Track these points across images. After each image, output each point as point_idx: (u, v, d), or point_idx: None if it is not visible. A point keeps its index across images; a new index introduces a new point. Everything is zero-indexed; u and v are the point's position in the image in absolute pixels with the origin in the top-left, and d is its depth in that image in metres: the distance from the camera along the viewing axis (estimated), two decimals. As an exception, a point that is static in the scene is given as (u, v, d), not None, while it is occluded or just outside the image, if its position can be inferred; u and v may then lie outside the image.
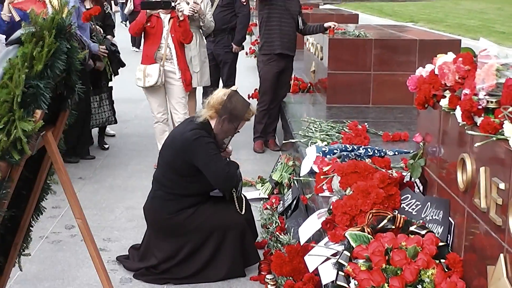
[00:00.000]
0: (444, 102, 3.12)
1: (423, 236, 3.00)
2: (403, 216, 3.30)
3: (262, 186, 6.03)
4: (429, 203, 3.30)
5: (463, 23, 20.13)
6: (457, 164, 2.89)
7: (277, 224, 5.04)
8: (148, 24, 6.50)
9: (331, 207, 3.62)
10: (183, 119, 6.61)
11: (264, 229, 5.07)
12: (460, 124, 2.81)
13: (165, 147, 4.30)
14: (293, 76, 8.08)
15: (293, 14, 7.27)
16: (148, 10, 6.47)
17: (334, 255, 3.28)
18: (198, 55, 7.58)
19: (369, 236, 3.05)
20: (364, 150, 4.72)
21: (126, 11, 15.57)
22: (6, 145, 2.10)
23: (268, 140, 7.62)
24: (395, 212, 3.33)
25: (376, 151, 4.74)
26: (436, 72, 3.23)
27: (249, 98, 8.36)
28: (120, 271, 4.42)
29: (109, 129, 8.19)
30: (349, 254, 3.00)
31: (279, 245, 4.63)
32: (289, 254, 4.12)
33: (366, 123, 5.87)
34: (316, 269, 3.37)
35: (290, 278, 4.05)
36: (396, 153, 4.87)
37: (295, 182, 5.51)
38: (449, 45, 7.12)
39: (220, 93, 4.22)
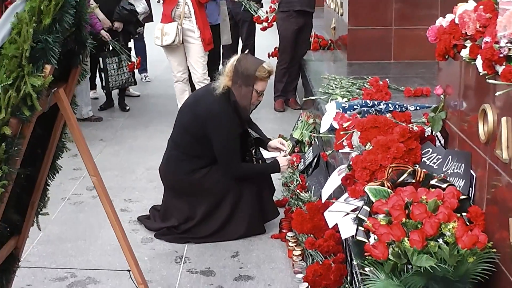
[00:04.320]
0: (465, 52, 3.03)
1: (444, 189, 2.94)
2: (423, 170, 3.25)
3: (282, 144, 5.98)
4: (450, 156, 3.23)
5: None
6: (478, 116, 2.81)
7: (298, 182, 5.01)
8: (166, -17, 6.43)
9: (350, 162, 3.56)
10: (202, 78, 6.59)
11: (285, 187, 5.05)
12: (481, 74, 2.73)
13: (186, 109, 4.25)
14: (313, 33, 7.96)
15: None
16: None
17: (353, 210, 3.24)
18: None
19: (389, 190, 3.00)
20: (385, 105, 4.64)
21: None
22: (16, 101, 2.07)
23: (289, 98, 7.56)
24: (416, 166, 3.27)
25: (397, 106, 4.66)
26: (457, 21, 3.13)
27: (268, 57, 8.28)
28: (141, 231, 4.43)
29: (133, 90, 8.18)
30: (368, 209, 2.95)
31: (300, 203, 4.60)
32: (310, 212, 4.10)
33: (387, 79, 5.76)
34: (336, 225, 3.34)
35: (311, 235, 4.03)
36: (418, 107, 4.78)
37: (316, 139, 5.46)
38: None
39: (231, 60, 4.14)
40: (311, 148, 5.51)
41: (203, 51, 6.58)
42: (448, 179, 3.10)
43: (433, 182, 3.01)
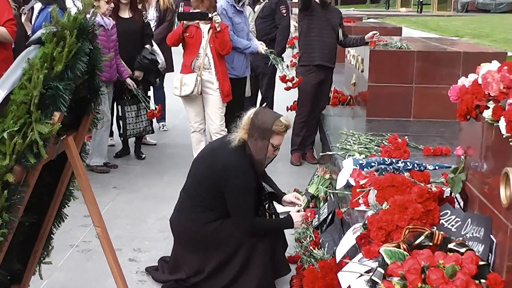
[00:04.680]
0: (487, 113, 2.95)
1: (462, 254, 2.83)
2: (441, 232, 3.14)
3: (298, 199, 5.88)
4: (469, 219, 3.13)
5: (509, 37, 19.74)
6: (500, 179, 2.71)
7: (311, 238, 4.89)
8: (187, 34, 6.46)
9: (366, 221, 3.46)
10: (219, 130, 6.56)
11: (298, 243, 4.93)
12: (504, 136, 2.64)
13: (201, 161, 4.18)
14: (332, 88, 7.94)
15: (333, 25, 7.16)
16: (185, 21, 6.43)
17: (368, 271, 3.12)
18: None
19: (405, 253, 2.89)
20: (403, 163, 4.55)
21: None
22: (22, 148, 2.01)
23: (306, 152, 7.49)
24: (433, 228, 3.16)
25: (415, 165, 4.57)
26: (480, 81, 3.06)
27: (287, 110, 8.25)
28: (148, 282, 4.33)
29: (149, 139, 8.16)
30: (383, 271, 2.84)
31: (313, 260, 4.48)
32: (322, 270, 3.98)
33: (406, 137, 5.68)
34: (349, 286, 3.22)
35: (323, 294, 3.90)
36: (437, 167, 4.69)
37: (331, 195, 5.36)
38: (494, 58, 6.87)
39: (248, 113, 4.09)
40: (326, 204, 5.41)
41: (221, 103, 6.57)
42: (467, 243, 2.99)
43: (451, 245, 2.91)
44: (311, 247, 4.66)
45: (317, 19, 7.10)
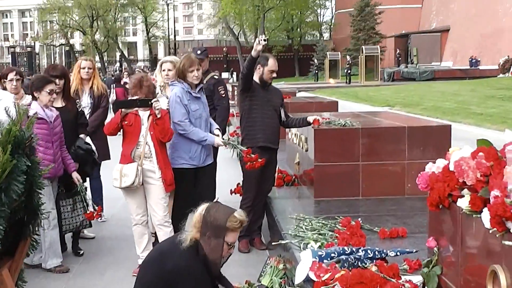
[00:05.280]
0: (463, 203, 2.75)
1: None
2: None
3: (251, 292, 5.54)
4: (451, 319, 2.89)
5: (439, 105, 20.20)
6: (487, 277, 2.49)
7: (272, 338, 4.55)
8: (126, 122, 6.17)
9: (337, 326, 3.17)
10: (163, 221, 6.22)
11: None
12: (490, 231, 2.43)
13: (148, 265, 3.79)
14: (277, 168, 7.73)
15: (275, 106, 7.00)
16: (123, 109, 6.15)
17: None
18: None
19: None
20: (364, 252, 4.31)
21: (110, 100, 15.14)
22: None
23: (254, 238, 7.17)
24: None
25: (376, 253, 4.33)
26: (452, 168, 2.87)
27: (231, 194, 7.97)
28: None
29: (87, 232, 7.70)
30: None
31: None
32: None
33: (359, 219, 5.48)
34: None
35: None
36: (398, 253, 4.46)
37: (287, 287, 5.05)
38: (439, 131, 6.89)
39: (199, 209, 3.78)
40: (283, 297, 5.09)
41: (164, 192, 6.25)
42: None
43: None
44: None
45: (258, 100, 6.93)
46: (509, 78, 32.58)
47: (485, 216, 2.46)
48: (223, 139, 6.75)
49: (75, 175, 6.76)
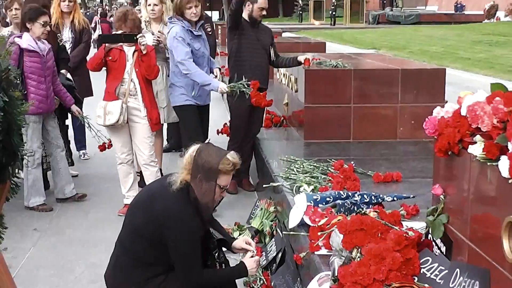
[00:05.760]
0: (476, 150, 2.59)
1: (459, 315, 2.46)
2: (426, 285, 2.77)
3: (240, 234, 5.42)
4: (458, 270, 2.76)
5: (426, 49, 19.95)
6: (503, 229, 2.35)
7: (262, 282, 4.44)
8: (110, 58, 5.91)
9: (336, 273, 3.04)
10: (149, 161, 6.05)
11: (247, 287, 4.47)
12: (510, 181, 2.28)
13: (137, 208, 3.61)
14: (265, 109, 7.53)
15: (264, 45, 6.76)
16: (107, 44, 5.89)
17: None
18: (164, 89, 6.99)
19: (394, 317, 2.49)
20: (360, 196, 4.17)
21: (94, 36, 14.72)
22: None
23: (242, 179, 7.04)
24: (425, 285, 2.76)
25: (373, 198, 4.20)
26: (464, 113, 2.70)
27: (218, 134, 7.80)
28: None
29: (70, 170, 7.50)
30: None
31: (267, 310, 4.04)
32: (283, 326, 3.53)
33: (352, 162, 5.33)
34: None
35: None
36: (395, 198, 4.33)
37: (279, 230, 4.93)
38: (433, 74, 6.72)
39: (189, 151, 3.57)
40: (273, 240, 4.97)
41: (149, 132, 6.05)
42: (458, 298, 2.62)
43: (445, 305, 2.52)
44: (263, 294, 4.21)
45: (247, 39, 6.68)
46: (495, 24, 32.29)
47: (503, 164, 2.31)
48: (228, 86, 6.35)
49: (75, 108, 6.56)
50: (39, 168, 6.41)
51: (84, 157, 8.35)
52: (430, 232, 3.05)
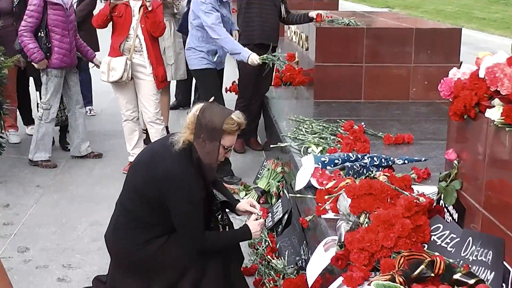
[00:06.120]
0: (494, 115, 2.44)
1: (471, 287, 2.34)
2: (436, 253, 2.65)
3: (246, 195, 5.33)
4: (470, 238, 2.63)
5: (440, 8, 19.63)
6: (521, 197, 2.22)
7: (267, 243, 4.35)
8: (115, 14, 5.75)
9: (342, 239, 2.93)
10: (154, 118, 5.93)
11: (252, 249, 4.38)
12: (530, 147, 2.14)
13: (138, 168, 3.48)
14: (275, 67, 7.36)
15: (275, 0, 6.56)
16: (112, 0, 5.72)
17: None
18: (172, 46, 6.83)
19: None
20: (370, 159, 4.03)
21: None
22: None
23: (249, 138, 6.92)
24: (436, 254, 2.64)
25: (383, 160, 4.06)
26: (482, 75, 2.54)
27: (226, 92, 7.63)
28: (82, 310, 3.69)
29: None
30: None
31: (272, 272, 3.94)
32: (287, 290, 3.44)
33: (362, 123, 5.19)
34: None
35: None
36: (406, 161, 4.20)
37: (285, 191, 4.83)
38: (448, 34, 6.51)
39: (193, 110, 3.42)
40: (279, 201, 4.87)
41: (155, 89, 5.90)
42: (471, 269, 2.50)
43: (456, 276, 2.40)
44: (268, 256, 4.11)
45: (257, -6, 6.48)
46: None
47: (525, 130, 2.17)
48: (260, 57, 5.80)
49: (97, 61, 6.43)
50: (52, 123, 6.37)
51: (90, 113, 8.25)
52: (442, 198, 2.92)
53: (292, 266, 3.93)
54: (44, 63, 6.02)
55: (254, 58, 5.69)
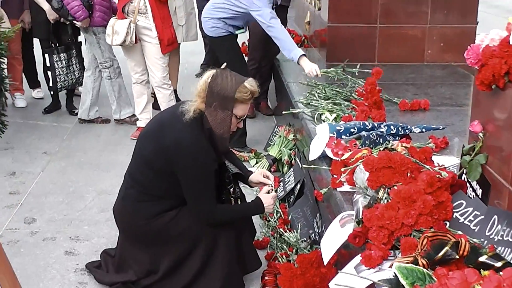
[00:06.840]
0: (525, 85, 2.28)
1: (498, 270, 2.20)
2: (459, 232, 2.51)
3: (257, 163, 5.19)
4: (496, 216, 2.49)
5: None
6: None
7: (279, 215, 4.22)
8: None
9: (360, 215, 2.79)
10: (161, 83, 5.78)
11: (264, 221, 4.26)
12: None
13: (147, 138, 3.34)
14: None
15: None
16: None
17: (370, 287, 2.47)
18: (183, 6, 6.63)
19: (426, 271, 2.24)
20: (386, 127, 3.87)
21: None
22: None
23: (259, 102, 6.75)
24: (446, 224, 2.51)
25: (400, 129, 3.90)
26: (512, 42, 2.37)
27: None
28: (90, 285, 3.57)
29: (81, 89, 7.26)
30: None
31: (284, 246, 3.82)
32: (301, 266, 3.32)
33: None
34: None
35: (303, 295, 3.26)
36: (423, 129, 4.03)
37: (297, 160, 4.68)
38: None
39: (204, 77, 3.26)
40: (291, 170, 4.73)
41: (160, 53, 5.70)
42: (496, 249, 2.36)
43: (482, 259, 2.26)
44: (280, 228, 3.98)
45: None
46: None
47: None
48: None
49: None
50: (121, 76, 6.38)
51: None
52: (465, 172, 2.76)
53: (305, 239, 3.80)
54: (87, 21, 5.94)
55: (313, 68, 5.09)
